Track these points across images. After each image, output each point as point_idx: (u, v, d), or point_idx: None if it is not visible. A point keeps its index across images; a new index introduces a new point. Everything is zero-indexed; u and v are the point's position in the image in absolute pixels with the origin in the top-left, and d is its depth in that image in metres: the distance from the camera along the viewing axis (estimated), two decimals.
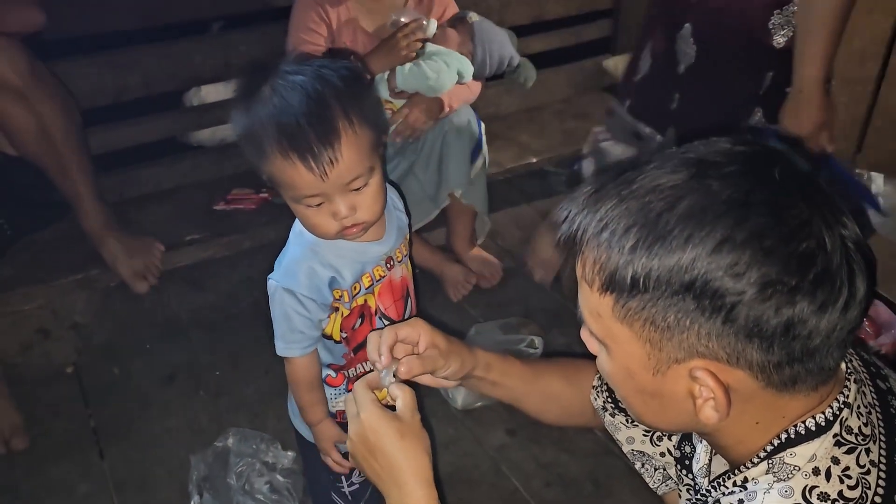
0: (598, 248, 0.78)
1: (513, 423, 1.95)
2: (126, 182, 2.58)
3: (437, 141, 2.23)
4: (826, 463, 0.78)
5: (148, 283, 2.25)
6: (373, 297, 1.31)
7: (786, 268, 0.70)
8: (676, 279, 0.73)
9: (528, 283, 2.41)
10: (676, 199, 0.73)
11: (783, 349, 0.73)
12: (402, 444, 1.00)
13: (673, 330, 0.75)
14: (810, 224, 0.72)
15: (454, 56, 2.21)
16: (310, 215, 1.19)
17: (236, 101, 1.18)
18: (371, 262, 1.28)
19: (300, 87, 1.14)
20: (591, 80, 3.21)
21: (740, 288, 0.71)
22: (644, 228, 0.74)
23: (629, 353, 0.81)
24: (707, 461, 0.99)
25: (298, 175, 1.12)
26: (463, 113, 2.27)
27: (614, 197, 0.77)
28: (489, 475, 1.83)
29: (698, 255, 0.71)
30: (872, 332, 1.83)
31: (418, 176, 2.26)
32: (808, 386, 0.78)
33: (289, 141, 1.11)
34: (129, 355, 2.16)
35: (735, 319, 0.72)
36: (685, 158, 0.77)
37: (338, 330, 1.31)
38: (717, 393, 0.77)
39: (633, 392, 0.85)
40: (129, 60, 2.55)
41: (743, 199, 0.72)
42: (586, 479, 1.82)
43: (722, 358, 0.75)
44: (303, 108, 1.12)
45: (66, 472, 1.85)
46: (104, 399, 2.04)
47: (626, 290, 0.76)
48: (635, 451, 1.18)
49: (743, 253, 0.71)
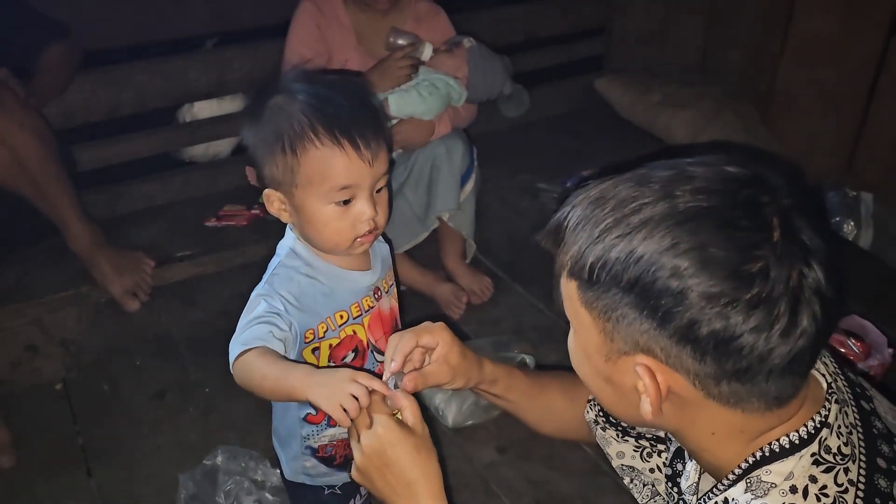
0: (573, 238, 0.83)
1: (503, 441, 1.95)
2: (118, 198, 2.58)
3: (427, 163, 2.24)
4: (803, 481, 0.79)
5: (138, 300, 2.24)
6: (362, 329, 1.29)
7: (724, 282, 0.73)
8: (626, 274, 0.77)
9: (520, 300, 2.42)
10: (644, 204, 0.78)
11: (715, 362, 0.76)
12: (419, 458, 1.00)
13: (620, 323, 0.80)
14: (759, 249, 0.74)
15: (447, 80, 2.23)
16: (334, 218, 1.17)
17: (248, 112, 1.19)
18: (361, 291, 1.27)
19: (334, 86, 1.17)
20: (584, 98, 3.23)
21: (679, 291, 0.74)
22: (610, 227, 0.79)
23: (589, 338, 0.85)
24: (696, 479, 1.00)
25: (345, 161, 1.13)
26: (455, 136, 2.28)
27: (598, 196, 0.83)
28: (479, 493, 1.83)
29: (648, 255, 0.76)
30: (862, 353, 1.83)
31: (407, 196, 2.27)
32: (756, 407, 0.81)
33: (339, 127, 1.12)
34: (118, 372, 2.15)
35: (670, 321, 0.76)
36: (668, 169, 0.81)
37: (326, 360, 1.26)
38: (650, 390, 0.80)
39: (591, 374, 0.90)
40: (123, 76, 2.56)
41: (702, 212, 0.76)
42: (576, 496, 1.81)
43: (661, 358, 0.79)
44: (348, 100, 1.15)
45: (53, 491, 1.84)
46: (93, 416, 2.03)
47: (585, 279, 0.81)
48: (625, 465, 1.18)
49: (686, 259, 0.74)
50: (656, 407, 0.81)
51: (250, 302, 1.21)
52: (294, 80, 1.19)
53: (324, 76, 1.23)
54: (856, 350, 1.83)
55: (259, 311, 1.17)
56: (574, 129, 3.13)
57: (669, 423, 0.86)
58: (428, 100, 2.18)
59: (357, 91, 1.21)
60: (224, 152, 2.93)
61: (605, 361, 0.84)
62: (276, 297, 1.19)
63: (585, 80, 3.23)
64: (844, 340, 1.85)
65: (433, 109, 2.21)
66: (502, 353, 2.04)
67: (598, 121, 3.13)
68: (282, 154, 1.14)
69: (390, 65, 2.17)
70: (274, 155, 1.15)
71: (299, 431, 1.32)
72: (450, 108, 2.28)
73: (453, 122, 2.30)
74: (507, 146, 2.95)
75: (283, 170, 1.15)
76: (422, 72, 2.23)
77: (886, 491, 0.81)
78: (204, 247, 2.42)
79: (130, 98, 2.57)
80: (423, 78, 2.22)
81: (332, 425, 1.32)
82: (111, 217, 2.49)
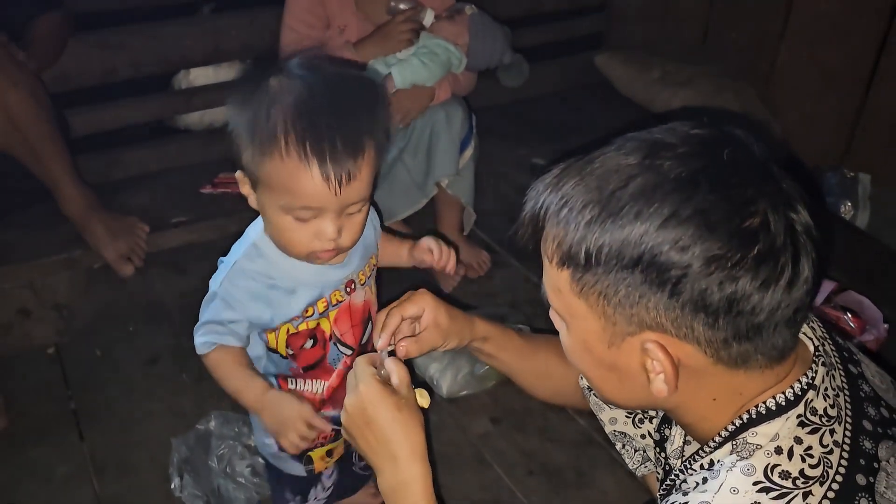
0: (558, 224, 0.80)
1: (497, 412, 1.95)
2: (112, 164, 2.55)
3: (426, 129, 2.22)
4: (789, 442, 0.80)
5: (133, 265, 2.23)
6: (328, 322, 1.24)
7: (728, 244, 0.73)
8: (626, 253, 0.75)
9: (516, 275, 2.41)
10: (629, 177, 0.76)
11: (729, 325, 0.76)
12: (400, 416, 1.01)
13: (624, 303, 0.78)
14: (755, 203, 0.74)
15: (447, 46, 2.21)
16: (292, 229, 1.10)
17: (239, 88, 1.09)
18: (330, 286, 1.21)
19: (328, 86, 1.05)
20: (583, 75, 3.21)
21: (685, 262, 0.73)
22: (598, 205, 0.77)
23: (586, 328, 0.83)
24: (681, 444, 1.00)
25: (309, 182, 1.03)
26: (454, 103, 2.26)
27: (575, 176, 0.80)
28: (472, 463, 1.83)
29: (646, 231, 0.74)
30: (857, 328, 1.84)
31: (406, 163, 2.25)
32: (761, 364, 0.80)
33: (312, 141, 1.01)
34: (111, 337, 2.14)
35: (681, 293, 0.74)
36: (643, 141, 0.80)
37: (283, 345, 1.23)
38: (665, 366, 0.79)
39: (592, 366, 0.88)
40: (117, 41, 2.52)
41: (690, 177, 0.75)
42: (569, 468, 1.82)
43: (671, 332, 0.77)
44: (332, 109, 1.03)
45: (45, 454, 1.83)
46: (85, 381, 2.02)
47: (581, 264, 0.79)
48: (617, 431, 1.18)
49: (688, 228, 0.73)
50: (673, 382, 0.80)
51: (210, 295, 1.19)
52: (297, 65, 1.09)
53: (332, 68, 1.12)
54: (851, 325, 1.83)
55: (217, 314, 1.18)
56: (573, 105, 3.11)
57: (674, 397, 0.83)
58: (429, 66, 2.17)
59: (359, 97, 1.08)
60: (220, 121, 2.90)
61: (607, 348, 0.82)
62: (233, 305, 1.16)
63: (585, 56, 3.20)
64: (841, 315, 1.85)
65: (435, 76, 2.20)
66: None
67: (598, 97, 3.11)
68: (251, 146, 1.06)
69: (391, 29, 2.14)
70: (247, 143, 1.07)
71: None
72: (449, 74, 2.26)
73: (453, 89, 2.29)
74: (504, 121, 2.93)
75: (250, 162, 1.08)
76: (422, 38, 2.21)
77: (871, 452, 0.82)
78: (199, 214, 2.40)
79: (124, 63, 2.54)
80: (422, 44, 2.20)
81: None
82: (105, 183, 2.46)
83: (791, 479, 0.77)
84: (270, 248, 1.17)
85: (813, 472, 0.78)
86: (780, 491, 0.77)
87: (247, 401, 1.22)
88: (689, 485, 0.84)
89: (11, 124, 2.01)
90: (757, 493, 0.77)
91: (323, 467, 1.41)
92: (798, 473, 0.78)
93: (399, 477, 1.01)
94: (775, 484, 0.77)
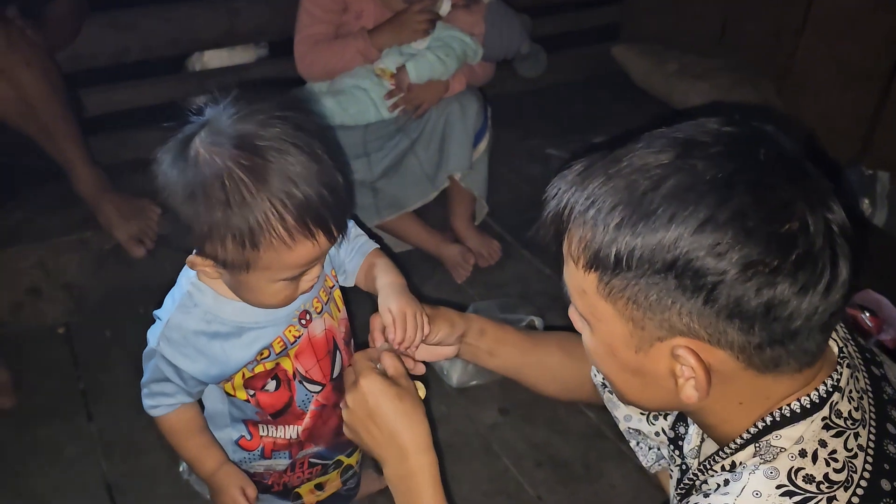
0: (584, 225, 0.77)
1: (506, 403, 1.94)
2: (122, 144, 2.54)
3: (440, 120, 2.20)
4: (813, 445, 0.78)
5: (145, 247, 2.22)
6: (288, 360, 1.15)
7: (767, 248, 0.70)
8: (659, 258, 0.72)
9: (527, 265, 2.40)
10: (661, 178, 0.73)
11: (764, 330, 0.73)
12: (403, 406, 1.01)
13: (655, 309, 0.75)
14: (793, 205, 0.71)
15: (462, 38, 2.19)
16: (276, 291, 1.02)
17: (169, 172, 0.96)
18: (280, 322, 1.12)
19: (292, 144, 0.94)
20: (598, 65, 3.18)
21: (722, 268, 0.71)
22: (629, 207, 0.74)
23: (612, 331, 0.80)
24: (698, 443, 0.99)
25: (310, 249, 0.97)
26: (469, 94, 2.25)
27: (602, 175, 0.77)
28: (480, 453, 1.82)
29: (681, 235, 0.71)
30: (874, 327, 1.82)
31: (419, 154, 2.23)
32: (792, 368, 0.78)
33: (312, 216, 0.94)
34: (121, 319, 2.13)
35: (716, 299, 0.72)
36: (673, 139, 0.77)
37: (241, 389, 1.16)
38: (697, 372, 0.77)
39: (615, 370, 0.85)
40: (129, 21, 2.52)
41: (726, 179, 0.72)
42: (577, 460, 1.81)
43: (703, 337, 0.75)
44: (316, 176, 0.95)
45: (53, 434, 1.83)
46: (94, 361, 2.01)
47: (610, 268, 0.76)
48: (631, 428, 1.17)
49: (725, 233, 0.70)
50: (704, 388, 0.77)
51: (149, 352, 1.12)
52: (224, 121, 0.95)
53: (268, 110, 0.97)
54: (869, 324, 1.82)
55: (160, 373, 1.11)
56: (588, 96, 3.09)
57: (701, 401, 0.81)
58: (445, 61, 2.16)
59: (318, 147, 0.97)
60: None
61: (635, 353, 0.80)
62: (175, 362, 1.09)
63: (601, 47, 3.18)
64: (858, 314, 1.84)
65: (450, 70, 2.19)
66: (509, 315, 2.02)
67: (614, 89, 3.09)
68: (236, 244, 0.95)
69: (407, 19, 2.13)
70: (223, 240, 0.95)
71: (232, 454, 1.24)
72: (465, 65, 2.24)
73: (468, 80, 2.27)
74: (518, 110, 2.91)
75: (233, 256, 0.97)
76: (437, 28, 2.19)
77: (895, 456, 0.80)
78: None
79: (137, 44, 2.54)
80: (437, 36, 2.18)
81: (266, 457, 1.25)
82: (116, 163, 2.44)
83: (815, 483, 0.76)
84: (207, 296, 1.08)
85: (837, 477, 0.76)
86: (804, 495, 0.75)
87: (200, 474, 1.21)
88: (710, 486, 0.83)
89: (24, 103, 2.00)
90: (780, 497, 0.75)
91: (314, 501, 1.36)
92: (822, 478, 0.76)
93: (406, 468, 1.01)
94: (799, 488, 0.75)
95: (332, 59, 2.20)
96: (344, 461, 1.35)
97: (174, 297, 1.12)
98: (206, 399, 1.21)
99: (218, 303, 1.08)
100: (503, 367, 1.25)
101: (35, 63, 2.01)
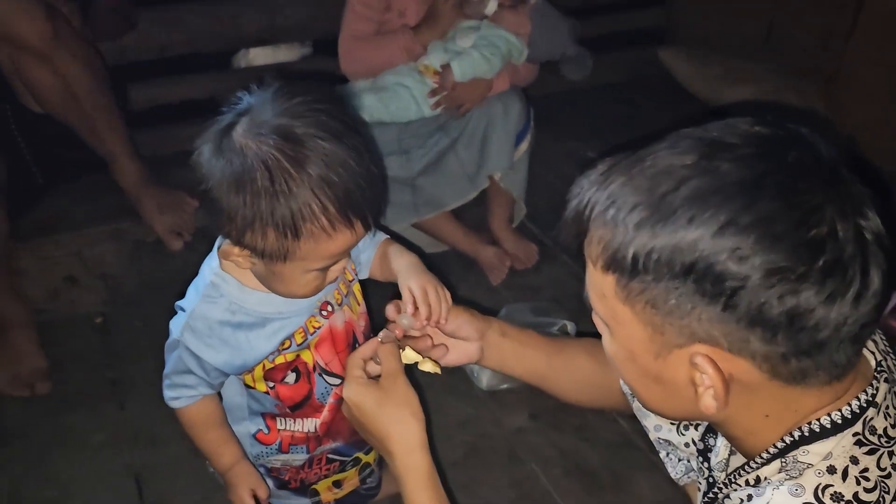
0: (605, 225, 0.74)
1: (535, 408, 1.90)
2: (165, 139, 2.55)
3: (482, 120, 2.19)
4: (843, 462, 0.74)
5: (182, 239, 2.23)
6: (308, 352, 1.16)
7: (793, 254, 0.67)
8: (678, 261, 0.69)
9: (563, 270, 2.36)
10: (684, 179, 0.70)
11: (788, 340, 0.69)
12: (383, 412, 1.01)
13: (674, 314, 0.72)
14: (822, 210, 0.67)
15: (507, 37, 2.18)
16: (308, 281, 1.03)
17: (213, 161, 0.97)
18: (304, 312, 1.12)
19: (332, 135, 0.95)
20: (640, 68, 3.13)
21: (743, 273, 0.67)
22: (649, 207, 0.71)
23: (632, 336, 0.77)
24: (726, 456, 0.95)
25: (348, 238, 0.99)
26: (513, 94, 2.23)
27: (623, 175, 0.74)
28: (505, 458, 1.79)
29: (701, 237, 0.68)
30: None
31: (459, 153, 2.21)
32: (820, 381, 0.74)
33: (352, 206, 0.96)
34: (155, 310, 2.12)
35: (736, 305, 0.68)
36: (699, 139, 0.73)
37: (261, 381, 1.16)
38: (715, 382, 0.73)
39: (636, 376, 0.82)
40: (175, 16, 2.54)
41: (753, 181, 0.68)
42: (605, 469, 1.76)
43: (723, 345, 0.71)
44: (355, 167, 0.96)
45: (82, 421, 1.85)
46: (127, 351, 2.04)
47: (628, 269, 0.73)
48: (661, 439, 1.13)
49: (748, 236, 0.67)
50: (722, 399, 0.74)
51: (172, 343, 1.12)
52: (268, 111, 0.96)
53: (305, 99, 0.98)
54: None
55: (183, 364, 1.12)
56: (628, 98, 3.04)
57: (724, 412, 0.77)
58: (490, 59, 2.16)
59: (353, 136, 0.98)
60: None
61: (654, 359, 0.76)
62: (199, 353, 1.09)
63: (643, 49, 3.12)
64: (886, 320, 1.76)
65: (494, 69, 2.18)
66: (542, 319, 1.99)
67: (656, 92, 3.03)
68: (278, 233, 0.96)
69: (437, 9, 2.16)
70: (264, 229, 0.96)
71: (249, 448, 1.24)
72: (509, 65, 2.22)
73: (512, 80, 2.25)
74: (559, 111, 2.87)
75: (272, 246, 0.97)
76: (483, 27, 2.18)
77: None
78: None
79: (181, 39, 2.56)
80: (482, 35, 2.17)
81: (283, 451, 1.25)
82: (159, 157, 2.47)
83: (843, 501, 0.71)
84: (231, 286, 1.08)
85: (868, 497, 0.72)
86: None
87: (216, 468, 1.24)
88: (733, 500, 0.79)
89: (69, 94, 2.03)
90: None
91: (332, 498, 1.36)
92: (852, 497, 0.72)
93: (398, 469, 1.02)
94: None
95: (374, 55, 2.20)
96: (362, 458, 1.34)
97: (198, 287, 1.12)
98: (224, 391, 1.21)
99: (242, 293, 1.09)
100: (527, 371, 1.21)
101: (81, 55, 2.04)
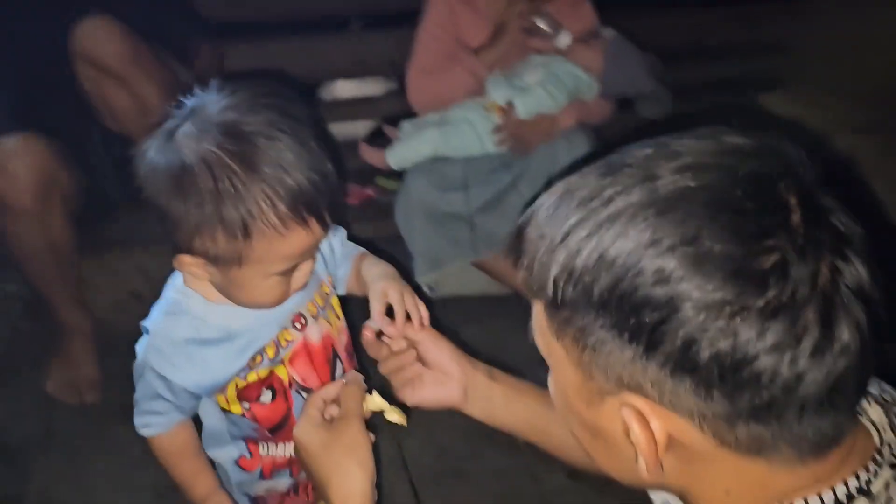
0: (531, 242, 0.65)
1: None
2: None
3: (546, 158, 2.10)
4: None
5: None
6: (283, 368, 1.09)
7: (726, 284, 0.54)
8: (596, 285, 0.58)
9: None
10: (617, 193, 0.59)
11: (725, 397, 0.56)
12: (328, 456, 0.92)
13: (598, 352, 0.60)
14: (772, 237, 0.55)
15: (576, 73, 2.11)
16: (269, 288, 0.98)
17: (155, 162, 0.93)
18: (275, 325, 1.07)
19: (280, 130, 0.91)
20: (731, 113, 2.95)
21: (666, 301, 0.55)
22: (575, 225, 0.60)
23: (565, 378, 0.66)
24: None
25: (304, 238, 0.94)
26: (579, 132, 2.14)
27: (562, 188, 0.65)
28: None
29: (623, 256, 0.57)
30: None
31: (522, 192, 2.13)
32: (787, 456, 0.59)
33: (306, 202, 0.91)
34: None
35: (659, 344, 0.56)
36: (652, 147, 0.62)
37: (235, 402, 1.09)
38: (639, 441, 0.60)
39: (577, 427, 0.70)
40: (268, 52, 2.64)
41: (690, 194, 0.56)
42: None
43: (653, 396, 0.58)
44: (306, 162, 0.91)
45: (125, 433, 1.83)
46: None
47: (550, 295, 0.62)
48: None
49: (673, 257, 0.55)
50: (653, 463, 0.61)
51: (139, 366, 1.08)
52: (210, 113, 0.92)
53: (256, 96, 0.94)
54: None
55: (151, 389, 1.07)
56: None
57: (674, 481, 0.65)
58: (555, 95, 2.09)
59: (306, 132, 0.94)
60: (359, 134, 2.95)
61: (586, 406, 0.65)
62: (166, 374, 1.04)
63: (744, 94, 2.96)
64: None
65: (559, 105, 2.11)
66: None
67: None
68: (227, 235, 0.91)
69: (515, 42, 2.12)
70: (214, 232, 0.91)
71: (233, 476, 1.17)
72: (578, 102, 2.13)
73: (580, 116, 2.16)
74: None
75: (224, 250, 0.92)
76: (554, 62, 2.11)
77: None
78: None
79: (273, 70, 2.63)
80: (551, 71, 2.10)
81: (266, 477, 1.17)
82: None
83: None
84: (195, 301, 1.04)
85: None
86: None
87: (191, 499, 1.16)
88: None
89: (144, 115, 2.10)
90: None
91: None
92: None
93: None
94: None
95: (440, 86, 2.18)
96: None
97: (160, 306, 1.08)
98: (204, 417, 1.15)
99: (207, 308, 1.04)
100: (521, 423, 1.06)
101: (157, 78, 2.11)
